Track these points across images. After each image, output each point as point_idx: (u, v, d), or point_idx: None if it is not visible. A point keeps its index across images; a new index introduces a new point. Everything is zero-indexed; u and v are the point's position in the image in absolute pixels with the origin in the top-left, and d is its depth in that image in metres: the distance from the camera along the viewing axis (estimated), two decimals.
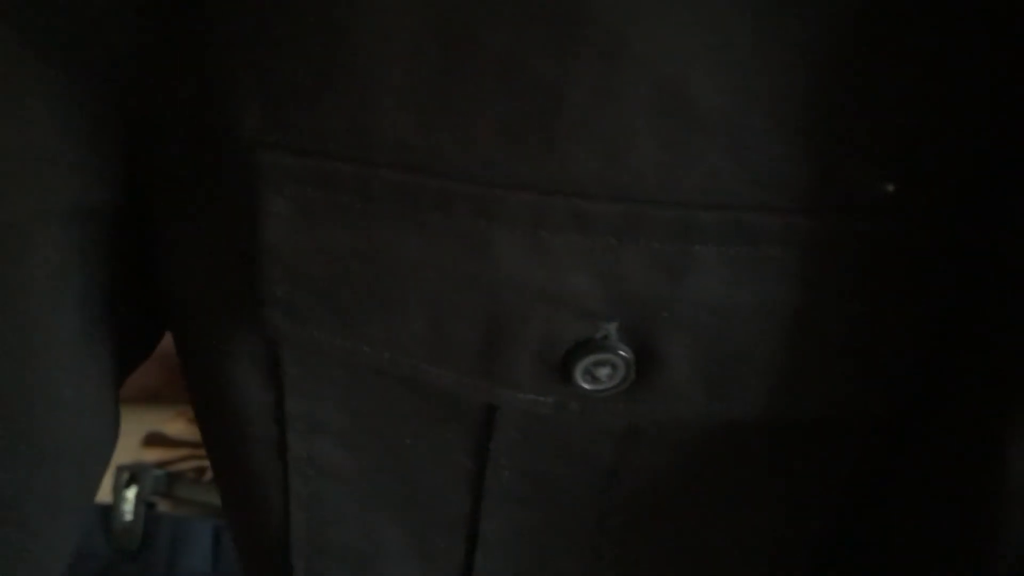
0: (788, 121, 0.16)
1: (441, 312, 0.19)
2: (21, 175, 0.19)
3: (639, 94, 0.16)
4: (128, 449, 0.70)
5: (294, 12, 0.16)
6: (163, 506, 0.72)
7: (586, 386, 0.19)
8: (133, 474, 0.67)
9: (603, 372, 0.19)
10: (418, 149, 0.17)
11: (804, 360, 0.19)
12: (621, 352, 0.18)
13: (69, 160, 0.20)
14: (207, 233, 0.21)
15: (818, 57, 0.15)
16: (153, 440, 0.73)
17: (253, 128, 0.18)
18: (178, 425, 0.74)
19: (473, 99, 0.16)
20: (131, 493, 0.67)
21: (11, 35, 0.18)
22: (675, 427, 0.20)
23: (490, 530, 0.23)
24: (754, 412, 0.19)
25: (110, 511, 0.67)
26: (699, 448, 0.21)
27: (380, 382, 0.21)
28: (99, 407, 0.24)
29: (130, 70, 0.19)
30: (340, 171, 0.17)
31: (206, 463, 0.77)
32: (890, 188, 0.17)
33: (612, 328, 0.18)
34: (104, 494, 0.66)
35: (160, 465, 0.72)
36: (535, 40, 0.15)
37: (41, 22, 0.18)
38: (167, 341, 0.26)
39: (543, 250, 0.17)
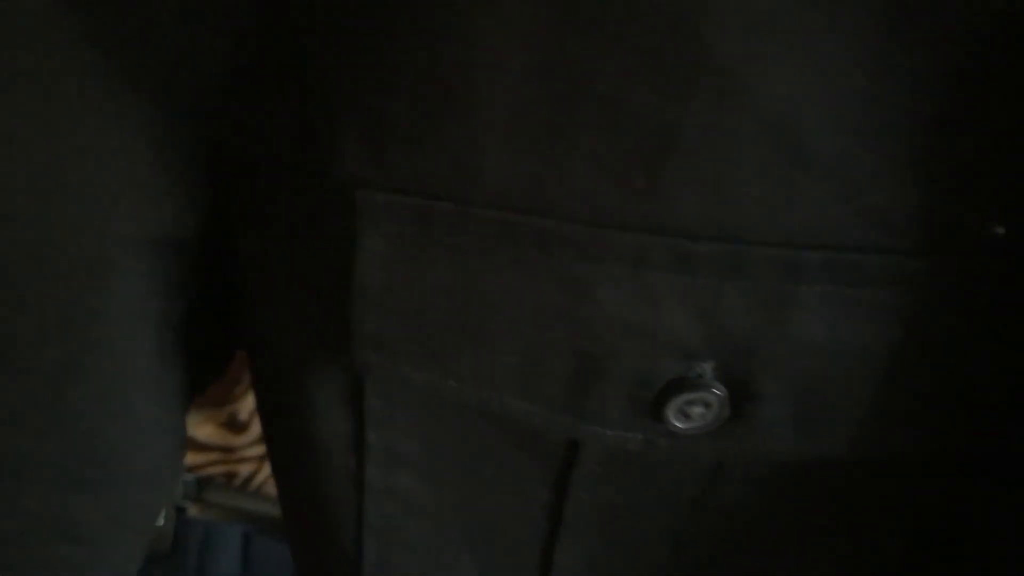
0: (899, 163, 0.16)
1: (532, 348, 0.18)
2: (109, 204, 0.19)
3: (750, 134, 0.15)
4: None
5: (403, 52, 0.16)
6: (193, 511, 0.72)
7: (678, 424, 0.19)
8: None
9: (696, 410, 0.18)
10: (519, 188, 0.17)
11: (900, 399, 0.18)
12: (715, 390, 0.18)
13: (157, 190, 0.20)
14: (296, 265, 0.20)
15: (932, 98, 0.15)
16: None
17: (352, 166, 0.18)
18: (208, 429, 0.74)
19: (579, 139, 0.16)
20: None
21: (103, 65, 0.18)
22: (761, 463, 0.20)
23: (564, 562, 0.23)
24: (845, 450, 0.19)
25: None
26: (784, 484, 0.21)
27: (462, 416, 0.21)
28: (169, 430, 0.24)
29: (223, 103, 0.19)
30: (439, 209, 0.17)
31: (236, 468, 0.76)
32: (1000, 230, 0.16)
33: (708, 367, 0.18)
34: None
35: (190, 469, 0.72)
36: (648, 79, 0.15)
37: (134, 53, 0.18)
38: None
39: (643, 289, 0.17)
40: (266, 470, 0.85)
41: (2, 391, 0.20)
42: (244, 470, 0.78)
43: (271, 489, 0.88)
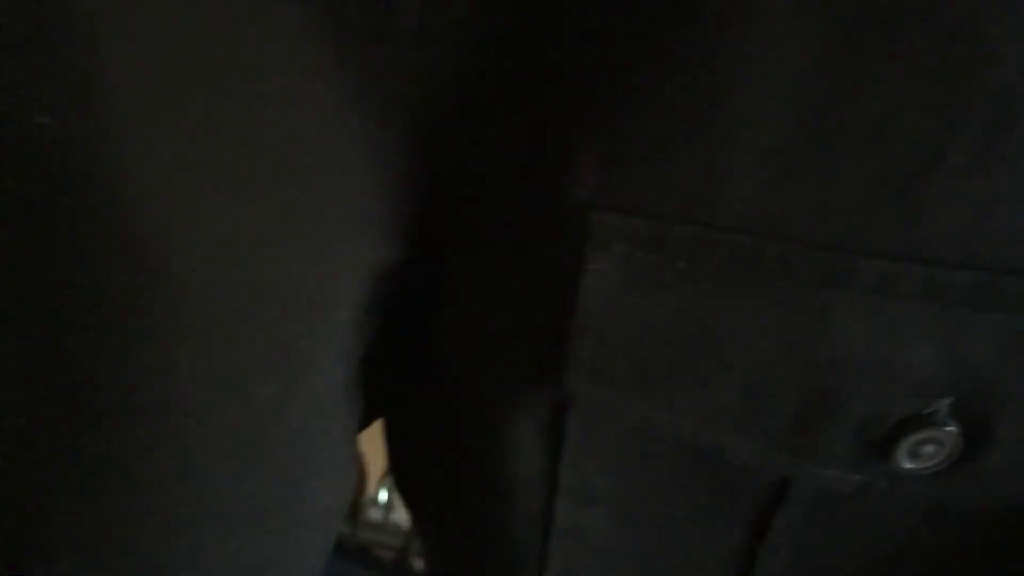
0: None
1: (758, 381, 0.18)
2: (338, 233, 0.19)
3: (1015, 157, 0.15)
4: None
5: (656, 74, 0.16)
6: None
7: (906, 465, 0.18)
8: None
9: (927, 450, 0.18)
10: (764, 211, 0.16)
11: None
12: (949, 429, 0.17)
13: (382, 218, 0.20)
14: (505, 291, 0.20)
15: None
16: None
17: (587, 189, 0.17)
18: None
19: (839, 163, 0.15)
20: None
21: (340, 89, 0.18)
22: (982, 507, 0.19)
23: None
24: None
25: None
26: (1003, 527, 0.19)
27: (664, 452, 0.20)
28: (349, 467, 0.23)
29: (450, 126, 0.19)
30: (675, 233, 0.17)
31: None
32: None
33: (944, 404, 0.17)
34: None
35: None
36: (920, 101, 0.15)
37: (358, 81, 0.18)
38: None
39: (887, 320, 0.16)
40: None
41: (218, 427, 0.20)
42: None
43: None
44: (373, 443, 0.52)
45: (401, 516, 0.92)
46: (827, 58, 0.15)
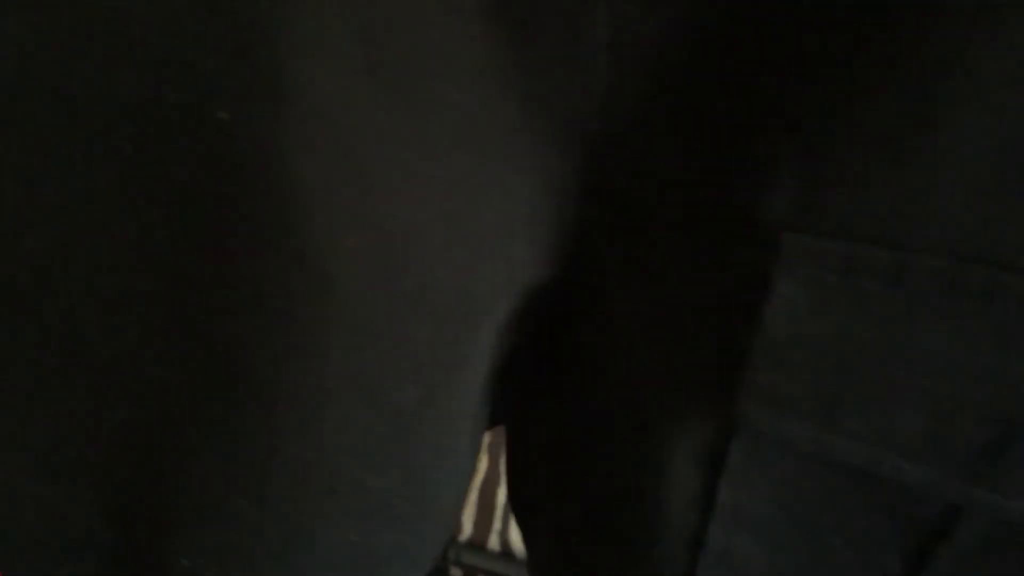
0: None
1: (947, 409, 0.17)
2: (486, 242, 0.19)
3: None
4: None
5: (879, 103, 0.16)
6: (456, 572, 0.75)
7: None
8: None
9: None
10: (968, 236, 0.16)
11: None
12: None
13: (535, 233, 0.20)
14: (671, 313, 0.20)
15: None
16: None
17: (783, 208, 0.17)
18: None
19: None
20: None
21: (503, 107, 0.18)
22: None
23: None
24: None
25: None
26: None
27: (827, 477, 0.20)
28: (472, 468, 0.24)
29: (621, 144, 0.19)
30: (870, 256, 0.16)
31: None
32: None
33: None
34: None
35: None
36: None
37: (538, 98, 0.18)
38: None
39: None
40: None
41: (358, 425, 0.20)
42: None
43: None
44: None
45: None
46: None
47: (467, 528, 0.89)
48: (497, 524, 0.89)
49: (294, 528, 0.21)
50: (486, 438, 0.81)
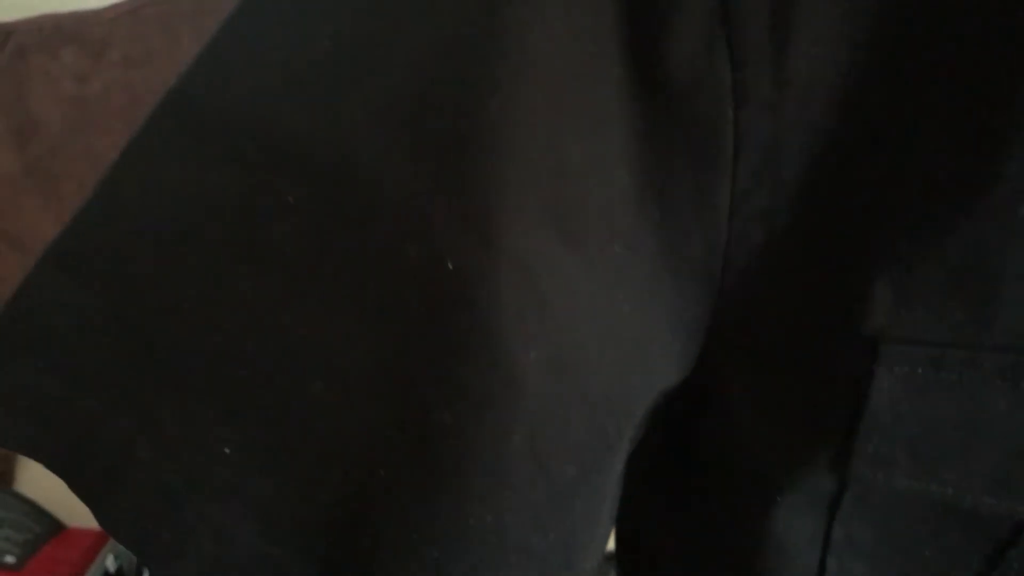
0: None
1: (1014, 456, 0.22)
2: (635, 361, 0.24)
3: None
4: None
5: (950, 240, 0.20)
6: None
7: None
8: None
9: None
10: None
11: None
12: None
13: (672, 350, 0.24)
14: (783, 400, 0.24)
15: None
16: None
17: (878, 324, 0.22)
18: None
19: None
20: None
21: (646, 248, 0.23)
22: None
23: None
24: None
25: None
26: None
27: (921, 511, 0.25)
28: (607, 537, 0.28)
29: (740, 276, 0.23)
30: (950, 356, 0.21)
31: None
32: None
33: None
34: None
35: None
36: None
37: (671, 241, 0.23)
38: None
39: None
40: None
41: (529, 495, 0.23)
42: None
43: None
44: None
45: None
46: None
47: None
48: None
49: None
50: None
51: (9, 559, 0.79)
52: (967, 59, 0.20)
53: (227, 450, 0.21)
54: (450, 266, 0.21)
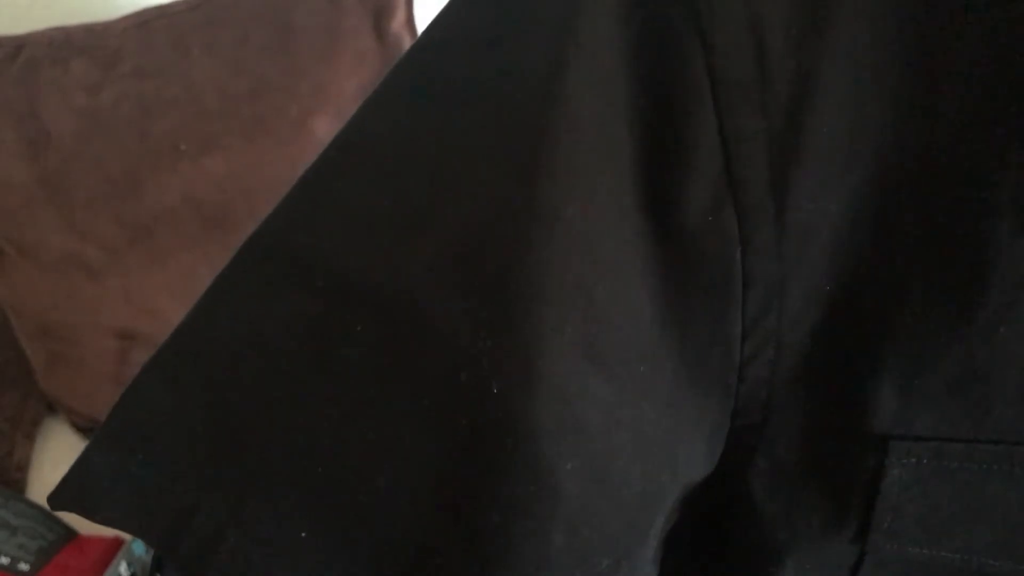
0: None
1: (1012, 528, 0.25)
2: (663, 462, 0.26)
3: None
4: None
5: (956, 348, 0.23)
6: None
7: None
8: None
9: None
10: (1015, 428, 0.24)
11: None
12: None
13: (694, 452, 0.27)
14: (799, 490, 0.27)
15: None
16: None
17: (886, 425, 0.25)
18: None
19: None
20: None
21: (669, 370, 0.25)
22: None
23: None
24: None
25: None
26: None
27: (934, 571, 0.27)
28: None
29: (747, 393, 0.26)
30: (950, 449, 0.24)
31: None
32: None
33: None
34: None
35: None
36: None
37: (691, 366, 0.25)
38: None
39: None
40: None
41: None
42: None
43: None
44: None
45: None
46: None
47: None
48: None
49: None
50: None
51: (23, 566, 0.80)
52: (942, 214, 0.23)
53: (303, 534, 0.24)
54: (495, 390, 0.23)
